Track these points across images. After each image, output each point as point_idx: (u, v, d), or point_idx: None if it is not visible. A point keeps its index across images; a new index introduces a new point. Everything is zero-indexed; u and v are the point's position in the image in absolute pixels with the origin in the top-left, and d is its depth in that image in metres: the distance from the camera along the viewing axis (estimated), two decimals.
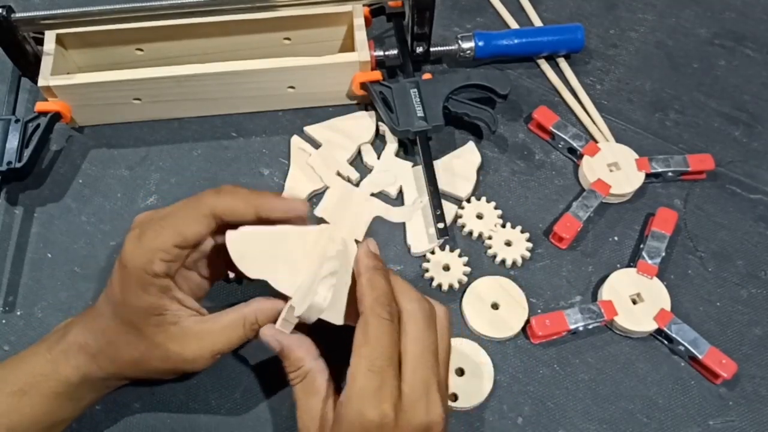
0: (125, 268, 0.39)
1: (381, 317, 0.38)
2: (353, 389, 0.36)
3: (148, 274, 0.39)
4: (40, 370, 0.40)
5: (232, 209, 0.40)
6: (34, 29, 0.57)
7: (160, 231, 0.39)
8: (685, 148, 0.60)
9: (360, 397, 0.36)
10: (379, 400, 0.36)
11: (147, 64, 0.59)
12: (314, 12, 0.60)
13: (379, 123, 0.60)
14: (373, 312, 0.38)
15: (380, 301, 0.38)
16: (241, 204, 0.40)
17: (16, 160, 0.55)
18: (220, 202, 0.40)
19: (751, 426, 0.47)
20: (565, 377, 0.49)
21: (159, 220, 0.40)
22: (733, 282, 0.53)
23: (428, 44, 0.62)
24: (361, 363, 0.37)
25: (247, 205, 0.40)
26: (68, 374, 0.40)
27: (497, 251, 0.53)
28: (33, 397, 0.40)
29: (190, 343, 0.40)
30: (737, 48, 0.67)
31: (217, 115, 0.62)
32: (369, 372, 0.36)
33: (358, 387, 0.36)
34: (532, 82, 0.65)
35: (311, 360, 0.40)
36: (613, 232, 0.56)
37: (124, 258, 0.39)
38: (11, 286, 0.53)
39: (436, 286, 0.52)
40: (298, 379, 0.40)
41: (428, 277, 0.53)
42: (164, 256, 0.39)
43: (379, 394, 0.36)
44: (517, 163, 0.60)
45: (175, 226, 0.39)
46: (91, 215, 0.57)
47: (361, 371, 0.36)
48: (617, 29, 0.69)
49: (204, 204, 0.40)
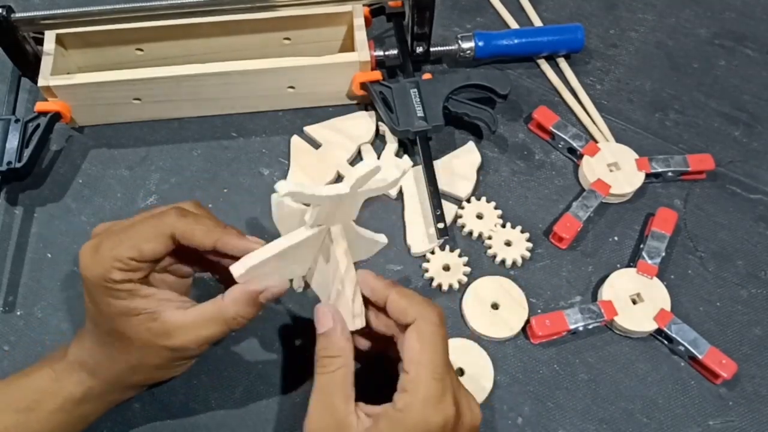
0: (85, 280, 0.39)
1: (434, 324, 0.38)
2: (417, 397, 0.36)
3: (107, 282, 0.38)
4: (46, 387, 0.41)
5: (192, 236, 0.40)
6: (34, 29, 0.57)
7: (117, 243, 0.39)
8: (685, 148, 0.60)
9: (425, 404, 0.36)
10: (444, 405, 0.36)
11: (147, 64, 0.59)
12: (314, 12, 0.60)
13: (379, 123, 0.60)
14: (425, 319, 0.38)
15: (426, 308, 0.38)
16: (201, 233, 0.40)
17: (16, 160, 0.55)
18: (181, 224, 0.40)
19: (751, 426, 0.47)
20: (565, 377, 0.49)
21: (118, 232, 0.40)
22: (733, 282, 0.53)
23: (428, 44, 0.62)
24: (423, 371, 0.36)
25: (207, 237, 0.40)
26: (72, 390, 0.40)
27: (497, 251, 0.53)
28: (40, 413, 0.40)
29: (176, 336, 0.39)
30: (737, 48, 0.67)
31: (217, 115, 0.62)
32: (433, 380, 0.36)
33: (422, 395, 0.36)
34: (532, 82, 0.65)
35: (350, 356, 0.39)
36: (613, 232, 0.56)
37: (81, 269, 0.39)
38: (11, 286, 0.53)
39: (436, 286, 0.52)
40: (329, 368, 0.38)
41: (428, 277, 0.53)
42: (121, 266, 0.39)
43: (443, 400, 0.36)
44: (517, 163, 0.60)
45: (133, 240, 0.39)
46: (91, 215, 0.57)
47: (424, 380, 0.36)
48: (617, 29, 0.69)
49: (165, 223, 0.40)
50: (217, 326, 0.40)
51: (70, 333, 0.51)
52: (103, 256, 0.38)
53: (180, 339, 0.39)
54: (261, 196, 0.58)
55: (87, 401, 0.41)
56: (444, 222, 0.53)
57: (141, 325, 0.39)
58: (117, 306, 0.39)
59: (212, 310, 0.40)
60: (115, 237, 0.39)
